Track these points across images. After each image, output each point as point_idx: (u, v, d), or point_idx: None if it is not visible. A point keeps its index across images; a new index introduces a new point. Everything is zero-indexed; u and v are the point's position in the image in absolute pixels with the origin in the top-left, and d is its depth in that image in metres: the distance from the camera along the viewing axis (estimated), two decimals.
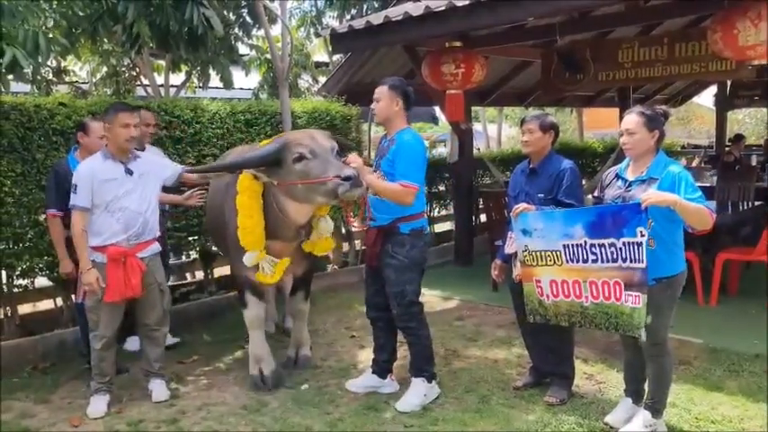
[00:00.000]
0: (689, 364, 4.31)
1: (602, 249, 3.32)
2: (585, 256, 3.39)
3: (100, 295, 3.74)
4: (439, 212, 8.96)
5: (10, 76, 3.98)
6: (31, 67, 3.76)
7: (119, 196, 3.74)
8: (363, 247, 6.06)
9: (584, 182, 6.68)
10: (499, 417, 3.67)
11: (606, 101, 10.88)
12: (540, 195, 3.75)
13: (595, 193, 3.72)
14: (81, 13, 4.84)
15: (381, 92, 3.74)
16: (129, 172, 3.81)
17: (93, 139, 4.17)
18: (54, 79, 6.02)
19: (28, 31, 3.79)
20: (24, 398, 4.08)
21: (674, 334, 3.54)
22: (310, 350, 4.62)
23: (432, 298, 6.39)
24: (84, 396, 4.05)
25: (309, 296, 4.57)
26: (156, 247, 4.00)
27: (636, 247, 3.18)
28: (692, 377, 4.11)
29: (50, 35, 3.96)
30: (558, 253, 3.50)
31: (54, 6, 4.65)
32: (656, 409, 3.38)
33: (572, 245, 3.44)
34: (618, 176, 3.48)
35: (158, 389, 4.06)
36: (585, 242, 3.38)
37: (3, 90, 4.07)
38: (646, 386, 3.48)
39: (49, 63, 5.21)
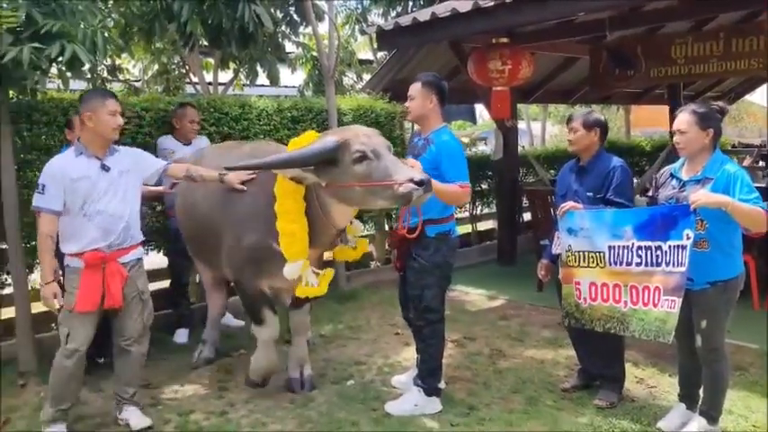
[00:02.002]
0: (745, 370, 4.18)
1: (648, 252, 3.26)
2: (630, 259, 3.33)
3: (71, 306, 3.32)
4: (482, 210, 8.89)
5: (69, 74, 4.11)
6: (90, 63, 3.85)
7: (94, 198, 3.32)
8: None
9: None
10: (547, 418, 3.62)
11: (655, 98, 10.61)
12: (589, 194, 3.69)
13: (650, 193, 3.65)
14: (137, 12, 4.96)
15: (415, 89, 3.68)
16: (106, 168, 3.38)
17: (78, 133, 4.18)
18: (108, 77, 6.20)
19: (86, 30, 3.90)
20: None
21: (729, 339, 3.45)
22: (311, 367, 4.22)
23: (475, 296, 6.36)
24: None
25: (312, 307, 4.24)
26: (140, 251, 3.62)
27: (680, 250, 3.12)
28: (749, 384, 3.98)
29: (106, 34, 4.03)
30: (601, 254, 3.45)
31: (110, 6, 4.77)
32: (712, 415, 3.30)
33: (618, 246, 3.38)
34: (672, 176, 3.40)
35: (135, 418, 3.59)
36: (633, 244, 3.32)
37: (62, 87, 4.18)
38: (700, 392, 3.39)
39: (104, 61, 5.34)
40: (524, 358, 4.58)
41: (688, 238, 3.08)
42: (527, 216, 8.87)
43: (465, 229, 8.22)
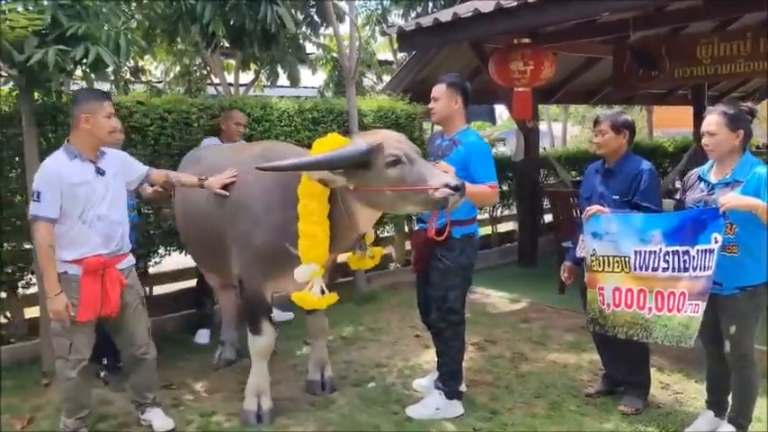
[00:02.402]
0: None
1: (676, 257, 3.20)
2: (656, 264, 3.27)
3: (74, 314, 3.20)
4: (502, 212, 8.83)
5: (93, 76, 4.14)
6: (114, 65, 3.86)
7: (93, 203, 3.22)
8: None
9: None
10: (571, 424, 3.58)
11: (679, 98, 10.47)
12: (616, 197, 3.63)
13: (677, 196, 3.59)
14: (160, 14, 4.99)
15: (440, 90, 3.67)
16: (101, 172, 3.28)
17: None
18: (131, 78, 6.25)
19: (110, 32, 3.92)
20: (102, 385, 4.22)
21: (757, 344, 3.37)
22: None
23: (496, 299, 6.31)
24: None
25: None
26: (132, 258, 3.57)
27: (707, 254, 3.06)
28: None
29: (129, 36, 4.05)
30: (626, 259, 3.39)
31: (133, 7, 4.80)
32: (741, 423, 3.24)
33: (644, 251, 3.32)
34: (701, 179, 3.34)
35: (159, 419, 3.59)
36: (661, 249, 3.26)
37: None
38: (729, 398, 3.33)
39: (128, 63, 5.38)
40: (547, 362, 4.53)
41: (716, 242, 3.03)
42: (548, 218, 8.82)
43: (485, 230, 8.16)
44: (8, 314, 4.88)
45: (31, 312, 4.91)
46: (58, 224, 3.17)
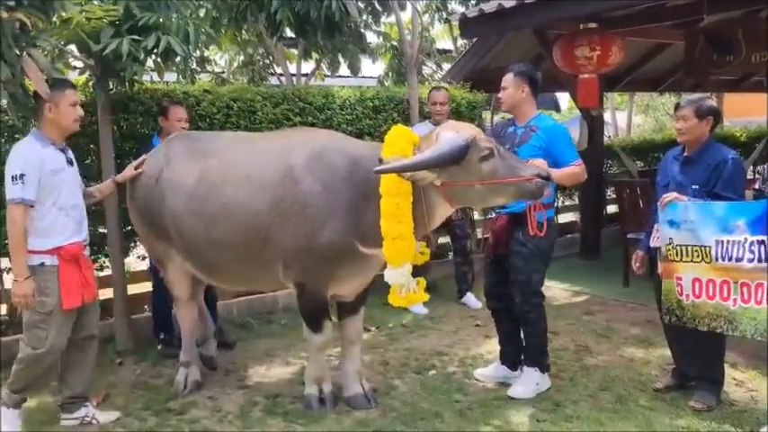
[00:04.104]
0: None
1: (762, 247, 3.07)
2: (741, 255, 3.14)
3: (53, 306, 3.17)
4: (563, 203, 8.63)
5: (162, 65, 4.25)
6: (184, 54, 3.96)
7: (65, 191, 3.24)
8: (485, 236, 5.98)
9: None
10: (639, 419, 3.48)
11: (752, 85, 9.97)
12: (695, 187, 3.49)
13: (756, 186, 3.43)
14: (228, 2, 5.09)
15: (508, 80, 3.76)
16: (70, 162, 3.32)
17: (172, 122, 4.34)
18: (197, 68, 6.40)
19: (179, 21, 4.01)
20: (171, 366, 4.34)
21: None
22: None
23: (557, 291, 6.19)
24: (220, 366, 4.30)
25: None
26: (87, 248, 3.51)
27: None
28: None
29: (198, 25, 4.13)
30: (707, 249, 3.26)
31: None
32: None
33: (727, 241, 3.19)
34: None
35: (102, 416, 3.52)
36: (746, 239, 3.12)
37: (156, 78, 4.33)
38: None
39: (195, 53, 5.51)
40: (612, 355, 4.41)
41: None
42: (610, 209, 8.58)
43: None
44: None
45: (105, 294, 5.09)
46: (32, 210, 3.14)
